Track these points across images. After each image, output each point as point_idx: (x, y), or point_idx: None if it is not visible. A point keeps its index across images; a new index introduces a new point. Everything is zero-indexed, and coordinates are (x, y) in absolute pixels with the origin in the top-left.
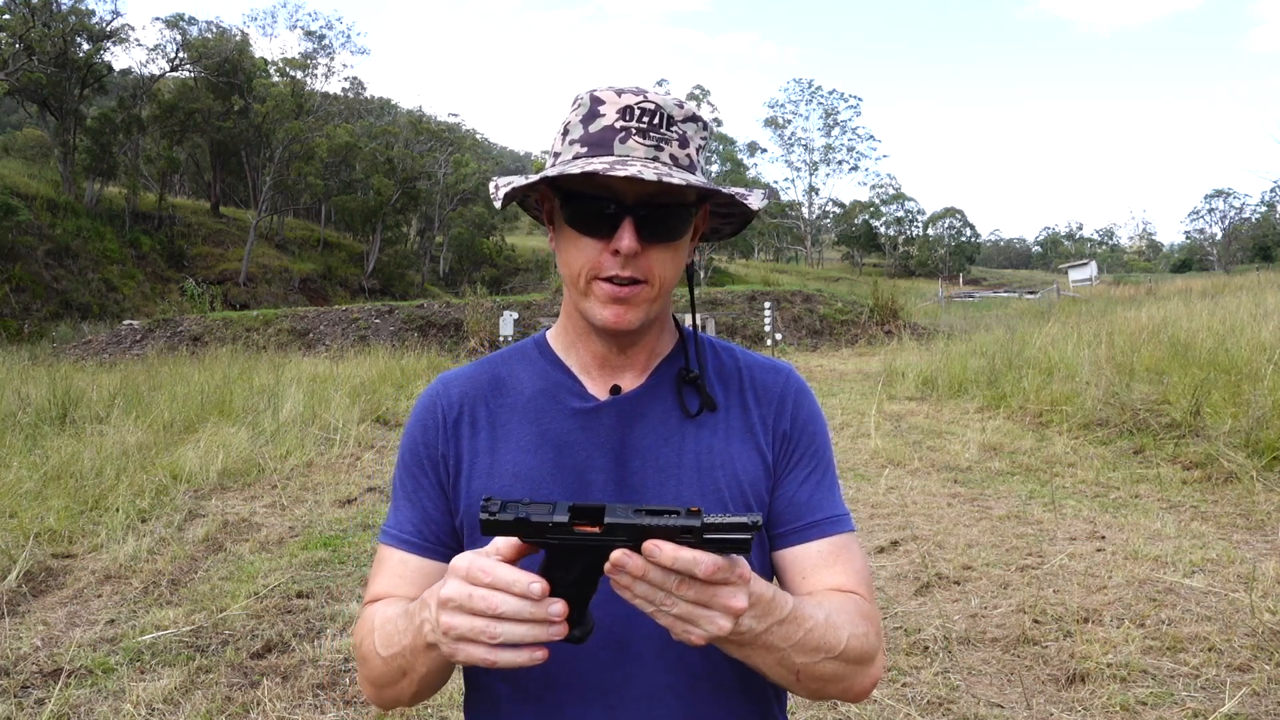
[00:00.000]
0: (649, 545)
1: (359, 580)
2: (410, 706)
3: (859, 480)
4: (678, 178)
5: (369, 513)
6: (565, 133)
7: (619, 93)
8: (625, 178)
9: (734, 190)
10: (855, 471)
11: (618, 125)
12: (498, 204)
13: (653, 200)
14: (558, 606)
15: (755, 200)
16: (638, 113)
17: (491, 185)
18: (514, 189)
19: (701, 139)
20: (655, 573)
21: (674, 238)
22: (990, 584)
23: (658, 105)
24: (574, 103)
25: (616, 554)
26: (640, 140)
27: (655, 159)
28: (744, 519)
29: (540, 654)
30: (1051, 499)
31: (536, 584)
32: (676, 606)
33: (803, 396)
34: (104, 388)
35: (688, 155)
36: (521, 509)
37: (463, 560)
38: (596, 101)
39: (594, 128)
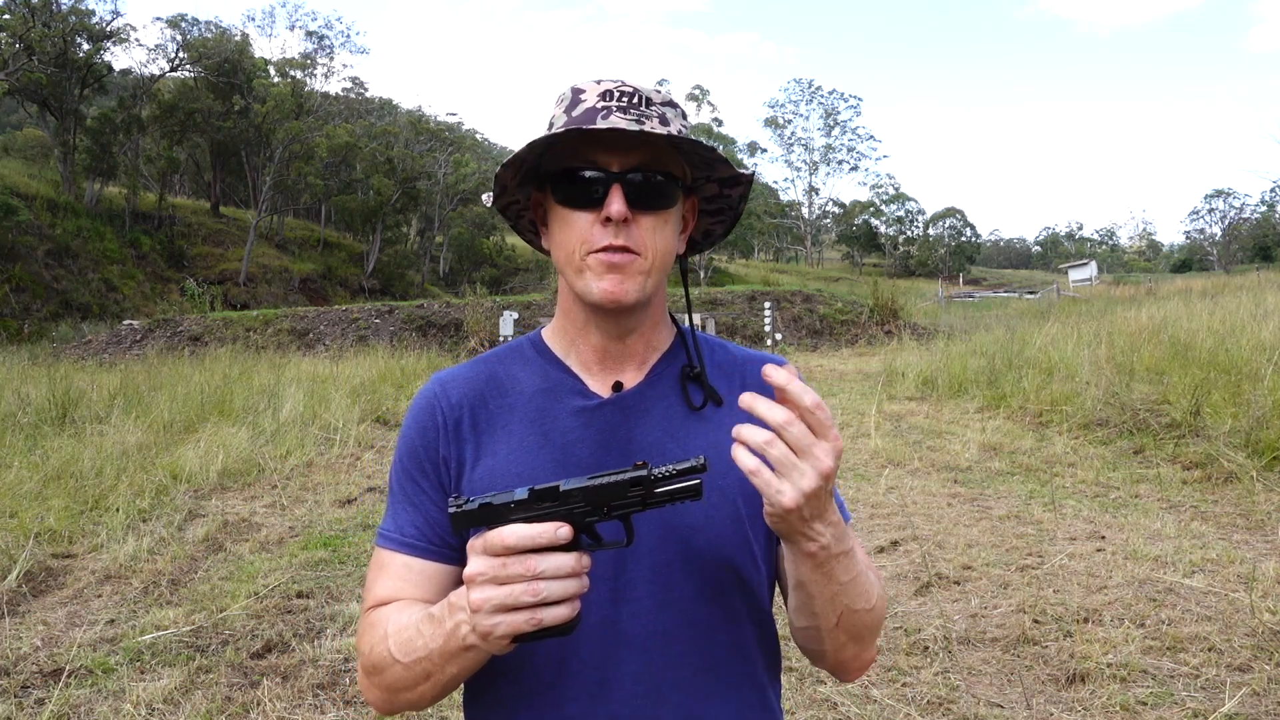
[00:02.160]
0: (767, 367)
1: (359, 580)
2: (420, 711)
3: (859, 480)
4: (659, 129)
5: (369, 513)
6: (550, 126)
7: (599, 81)
8: (612, 150)
9: (712, 147)
10: (855, 471)
11: (598, 105)
12: (490, 204)
13: (638, 168)
14: (586, 559)
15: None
16: (617, 94)
17: (485, 197)
18: (503, 172)
19: (682, 124)
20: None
21: (662, 206)
22: (990, 584)
23: (636, 89)
24: (557, 100)
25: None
26: (621, 115)
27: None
28: (691, 462)
29: (577, 606)
30: (1051, 499)
31: (563, 529)
32: (775, 447)
33: None
34: (104, 388)
35: (668, 132)
36: (485, 498)
37: (475, 539)
38: (578, 91)
39: (576, 112)
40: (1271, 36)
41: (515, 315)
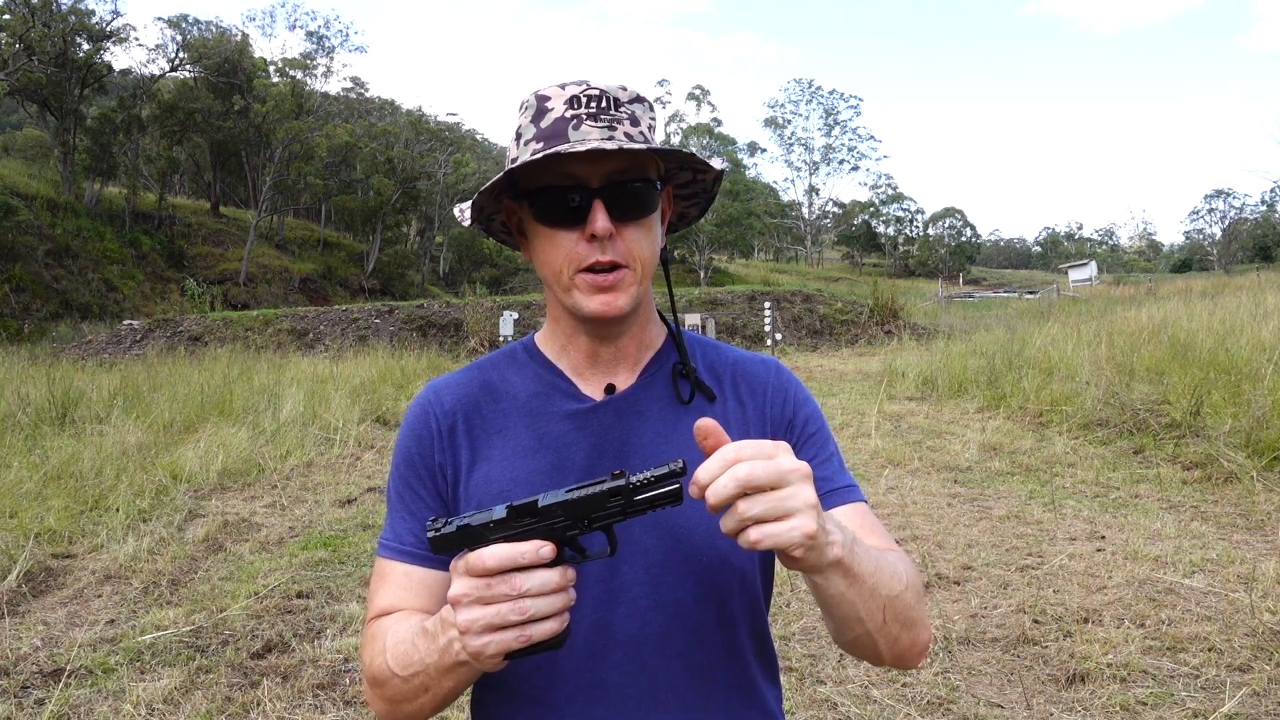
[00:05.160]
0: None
1: (359, 580)
2: None
3: (859, 480)
4: (638, 144)
5: (369, 513)
6: (518, 136)
7: (563, 86)
8: (588, 162)
9: (692, 152)
10: (855, 471)
11: (568, 115)
12: (465, 223)
13: (617, 179)
14: (571, 572)
15: (716, 160)
16: (584, 100)
17: (456, 210)
18: (480, 196)
19: (650, 119)
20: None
21: (645, 213)
22: (990, 584)
23: (602, 90)
24: (521, 106)
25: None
26: (592, 124)
27: (610, 138)
28: (668, 467)
29: (566, 620)
30: (1051, 499)
31: (545, 548)
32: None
33: (794, 384)
34: (104, 388)
35: (640, 133)
36: (463, 519)
37: (457, 560)
38: (542, 99)
39: (545, 123)
40: (1272, 36)
41: (515, 315)
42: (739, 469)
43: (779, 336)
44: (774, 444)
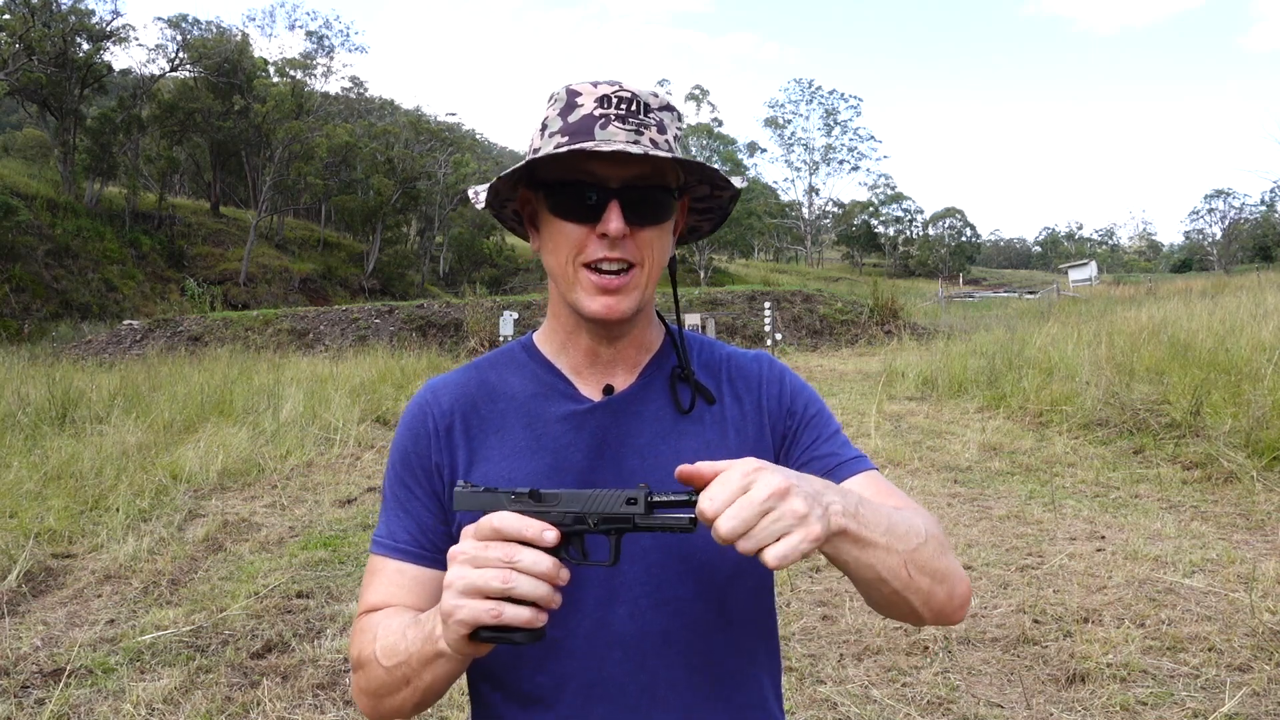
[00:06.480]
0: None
1: (359, 580)
2: (409, 719)
3: None
4: (663, 151)
5: (369, 513)
6: (544, 127)
7: (595, 84)
8: (609, 163)
9: (716, 168)
10: None
11: (596, 113)
12: (479, 205)
13: (636, 183)
14: (565, 572)
15: (735, 179)
16: (615, 100)
17: (471, 192)
18: (499, 182)
19: (678, 128)
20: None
21: (658, 220)
22: (990, 584)
23: (634, 94)
24: (550, 99)
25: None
26: (620, 125)
27: (636, 142)
28: (688, 495)
29: (543, 618)
30: (1051, 499)
31: (549, 531)
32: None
33: (787, 373)
34: (104, 388)
35: (666, 141)
36: (491, 485)
37: (470, 524)
38: (573, 94)
39: (573, 118)
40: (1272, 36)
41: (515, 315)
42: (719, 527)
43: (779, 336)
44: (743, 471)
